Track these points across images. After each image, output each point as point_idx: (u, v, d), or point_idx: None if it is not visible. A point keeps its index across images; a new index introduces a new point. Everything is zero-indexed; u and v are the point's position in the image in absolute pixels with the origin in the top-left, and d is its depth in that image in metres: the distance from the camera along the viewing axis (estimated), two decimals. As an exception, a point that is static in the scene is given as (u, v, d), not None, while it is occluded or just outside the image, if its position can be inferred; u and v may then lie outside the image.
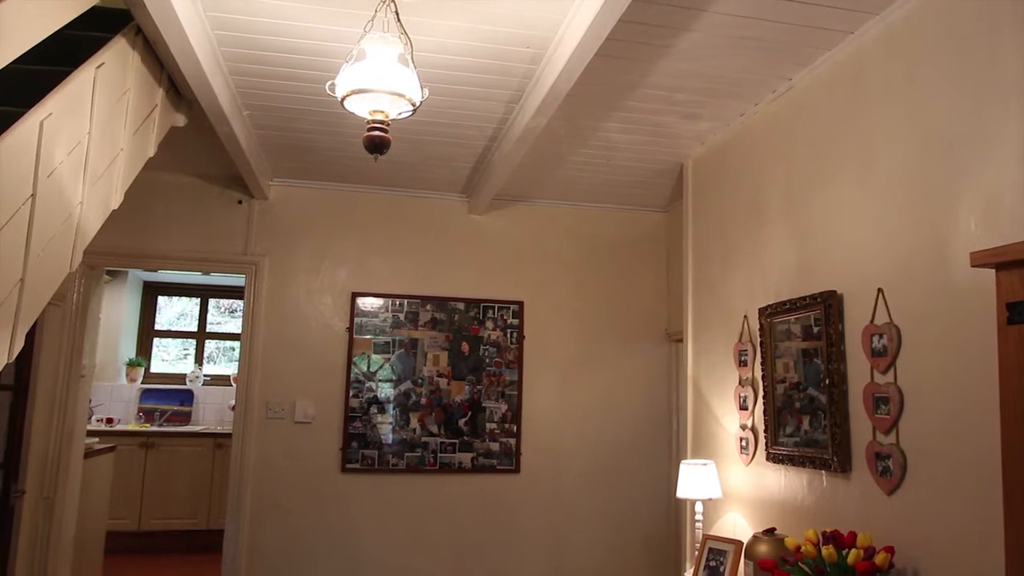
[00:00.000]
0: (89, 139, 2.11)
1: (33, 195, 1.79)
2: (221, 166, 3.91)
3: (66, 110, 1.94)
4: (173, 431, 6.74)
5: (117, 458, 5.54)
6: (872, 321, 2.30)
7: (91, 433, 5.23)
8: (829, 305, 2.48)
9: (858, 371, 2.37)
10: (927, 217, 2.13)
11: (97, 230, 2.31)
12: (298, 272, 4.24)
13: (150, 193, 4.06)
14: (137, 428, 6.74)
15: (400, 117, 2.18)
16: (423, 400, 4.22)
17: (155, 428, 6.81)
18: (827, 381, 2.47)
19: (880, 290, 2.28)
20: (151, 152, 2.74)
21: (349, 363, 4.18)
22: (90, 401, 5.08)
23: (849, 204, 2.48)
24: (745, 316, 3.11)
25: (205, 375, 7.48)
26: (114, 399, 7.07)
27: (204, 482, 6.50)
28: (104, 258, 4.13)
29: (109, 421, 6.77)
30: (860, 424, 2.35)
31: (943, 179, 2.08)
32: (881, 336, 2.25)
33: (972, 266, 1.58)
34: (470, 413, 4.26)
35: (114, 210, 2.46)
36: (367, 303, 4.25)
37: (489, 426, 4.27)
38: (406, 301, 4.29)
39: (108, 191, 2.36)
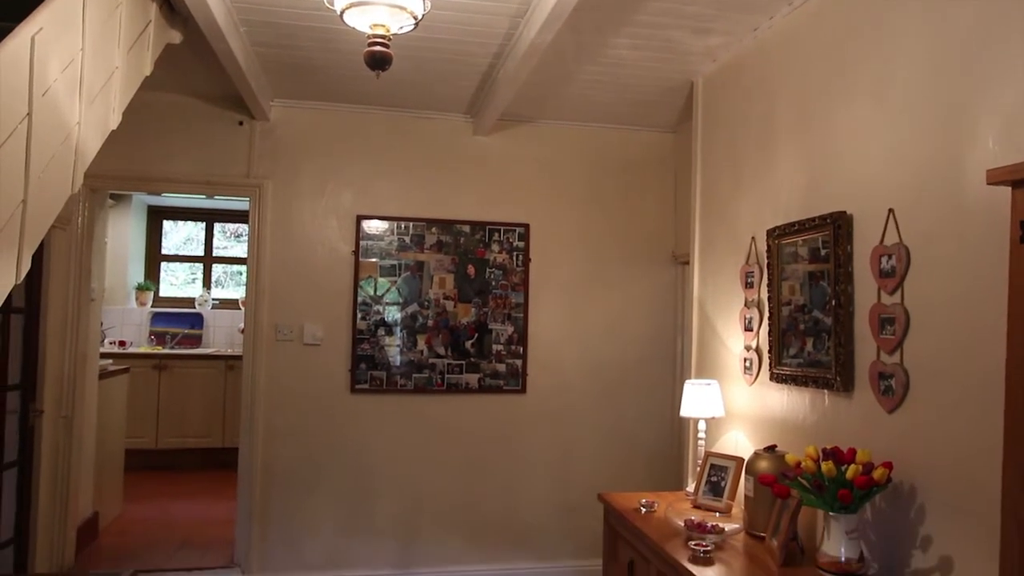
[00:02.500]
0: (82, 56, 2.05)
1: (29, 114, 1.75)
2: (220, 86, 3.83)
3: (57, 25, 1.88)
4: (185, 353, 6.87)
5: (131, 379, 5.67)
6: (881, 242, 2.28)
7: (104, 355, 5.33)
8: (838, 226, 2.45)
9: (865, 292, 2.37)
10: (943, 134, 2.07)
11: (97, 151, 2.28)
12: (302, 195, 4.21)
13: (149, 114, 4.00)
14: (149, 351, 6.87)
15: (401, 32, 2.11)
16: (430, 322, 4.26)
17: (167, 351, 6.93)
18: (833, 302, 2.47)
19: (891, 210, 2.25)
20: (147, 71, 2.67)
21: (356, 286, 4.20)
22: (101, 324, 5.17)
23: (863, 122, 2.42)
24: (752, 238, 3.08)
25: (213, 299, 7.56)
26: (125, 322, 7.18)
27: (217, 402, 6.67)
28: (106, 181, 4.10)
29: (122, 344, 6.90)
30: (864, 344, 2.36)
31: (961, 95, 2.01)
32: (890, 257, 2.23)
33: (988, 183, 1.55)
34: (476, 335, 4.30)
35: (113, 132, 2.42)
36: (372, 226, 4.24)
37: (496, 348, 4.32)
38: (411, 224, 4.27)
39: (105, 111, 2.31)
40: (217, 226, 7.82)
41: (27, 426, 3.66)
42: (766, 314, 2.94)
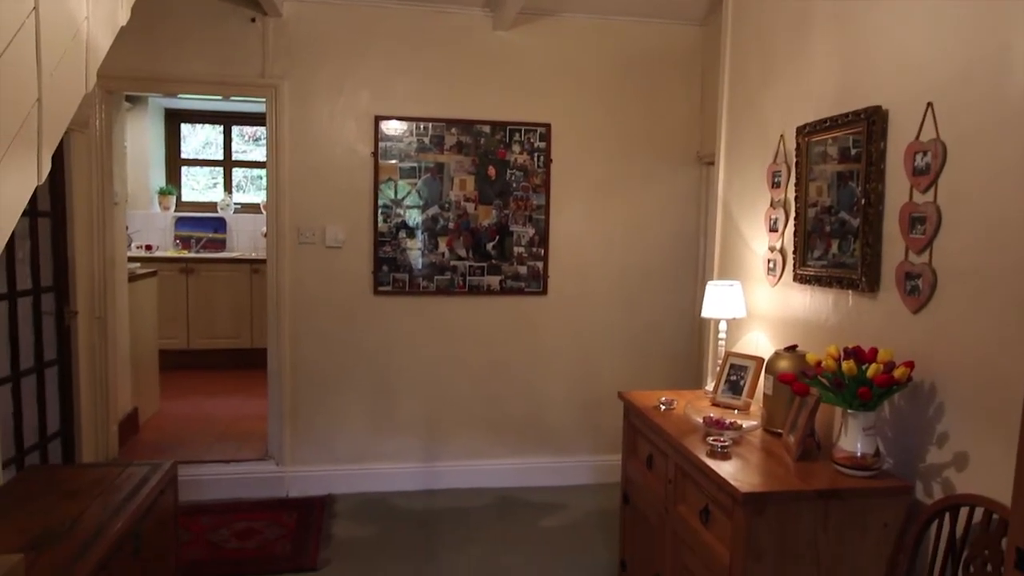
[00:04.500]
0: (86, -54, 1.97)
1: (35, 8, 1.70)
2: (230, -21, 3.69)
3: (57, -88, 1.80)
4: (210, 257, 6.98)
5: (160, 283, 5.78)
6: (917, 138, 2.20)
7: (132, 259, 5.42)
8: (873, 122, 2.36)
9: (896, 191, 2.30)
10: (991, 21, 1.95)
11: (107, 48, 2.23)
12: (319, 95, 4.12)
13: (159, 12, 3.90)
14: (176, 254, 6.97)
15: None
16: (451, 225, 4.25)
17: (193, 255, 7.03)
18: (863, 201, 2.41)
19: (930, 104, 2.15)
20: (154, -38, 2.57)
21: (376, 188, 4.17)
22: (127, 228, 5.23)
23: (905, 9, 2.28)
24: (781, 136, 2.99)
25: (235, 203, 7.59)
26: (150, 227, 7.27)
27: (244, 305, 6.82)
28: (120, 82, 4.05)
29: (148, 248, 7.00)
30: (892, 245, 2.32)
31: (1016, -24, 1.88)
32: (925, 154, 2.15)
33: (1037, 72, 1.46)
34: (498, 237, 4.29)
35: (125, 31, 2.36)
36: (391, 127, 4.16)
37: (517, 250, 4.32)
38: (431, 124, 4.19)
39: (113, 6, 2.25)
40: (235, 129, 7.75)
41: (63, 326, 3.77)
42: (792, 214, 2.88)
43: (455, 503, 4.18)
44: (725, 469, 2.19)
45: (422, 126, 4.18)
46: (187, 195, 7.67)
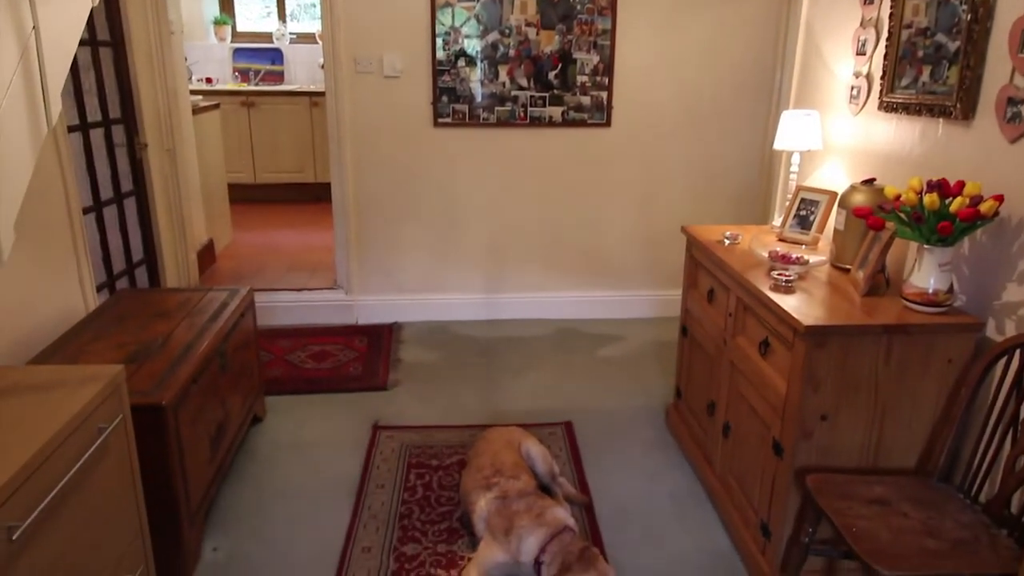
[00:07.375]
0: None
1: None
2: None
3: None
4: (270, 90, 6.93)
5: (222, 116, 5.82)
6: (1044, -61, 1.92)
7: (193, 92, 5.43)
8: (993, -80, 2.07)
9: (1009, 4, 2.06)
10: None
11: None
12: (370, -93, 3.84)
13: None
14: (236, 87, 6.95)
15: None
16: (511, 52, 4.06)
17: (252, 87, 6.99)
18: (968, 17, 2.17)
19: None
20: None
21: (433, 14, 3.97)
22: (186, 59, 5.19)
23: None
24: (882, -58, 2.66)
25: (291, 33, 7.41)
26: (208, 58, 7.20)
27: (306, 138, 6.85)
28: (165, -103, 3.84)
29: (208, 81, 6.98)
30: (996, 67, 2.11)
31: None
32: (1051, -42, 1.89)
33: None
34: (560, 65, 4.09)
35: None
36: (447, -57, 3.88)
37: (580, 79, 4.12)
38: (489, -61, 3.88)
39: None
40: (284, -49, 7.39)
41: (135, 159, 3.88)
42: (884, 35, 2.63)
43: (516, 332, 4.33)
44: (788, 303, 2.18)
45: (480, -59, 3.88)
46: (242, 25, 7.49)
